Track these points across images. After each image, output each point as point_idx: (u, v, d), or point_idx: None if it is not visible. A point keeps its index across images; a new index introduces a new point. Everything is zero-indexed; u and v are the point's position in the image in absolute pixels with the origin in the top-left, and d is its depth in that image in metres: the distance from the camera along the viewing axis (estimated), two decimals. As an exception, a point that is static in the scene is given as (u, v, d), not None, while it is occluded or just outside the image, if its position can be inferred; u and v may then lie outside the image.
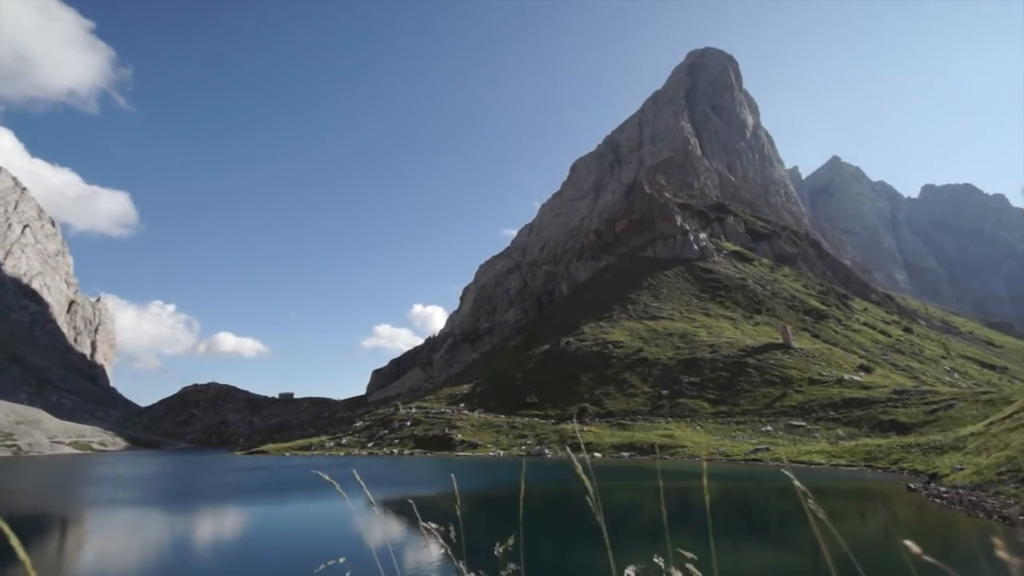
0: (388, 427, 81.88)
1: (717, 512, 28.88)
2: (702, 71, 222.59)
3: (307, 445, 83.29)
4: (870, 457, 45.20)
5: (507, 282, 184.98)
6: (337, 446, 79.44)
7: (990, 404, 52.62)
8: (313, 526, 26.24)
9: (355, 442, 79.85)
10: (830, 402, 66.65)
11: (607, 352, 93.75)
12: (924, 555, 1.68)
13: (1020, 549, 1.70)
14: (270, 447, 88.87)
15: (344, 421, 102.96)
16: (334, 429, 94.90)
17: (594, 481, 2.77)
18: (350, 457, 71.02)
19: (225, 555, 19.86)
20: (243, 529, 26.07)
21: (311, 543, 21.49)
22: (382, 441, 77.35)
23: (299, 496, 36.54)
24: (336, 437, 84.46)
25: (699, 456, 54.40)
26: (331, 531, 24.27)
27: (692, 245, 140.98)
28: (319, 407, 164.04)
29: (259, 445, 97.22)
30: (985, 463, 30.02)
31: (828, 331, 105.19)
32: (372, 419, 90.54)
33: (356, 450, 75.99)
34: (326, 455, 75.30)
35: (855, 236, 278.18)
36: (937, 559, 1.69)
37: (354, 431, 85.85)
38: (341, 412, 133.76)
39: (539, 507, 27.10)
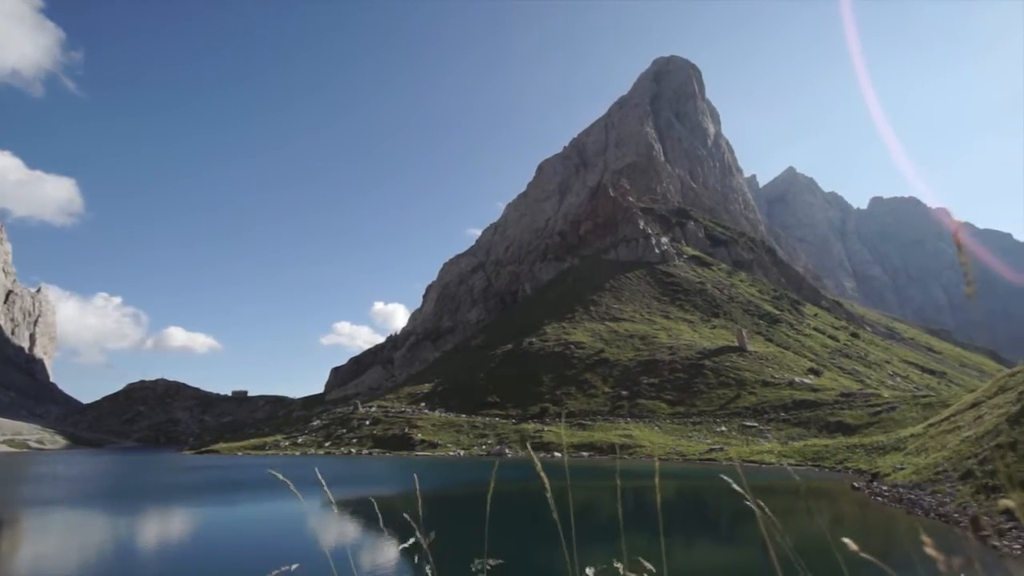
0: (346, 426, 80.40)
1: (673, 511, 29.45)
2: (667, 79, 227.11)
3: (261, 444, 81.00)
4: (817, 457, 46.94)
5: (471, 281, 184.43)
6: (293, 445, 77.53)
7: (929, 407, 55.39)
8: (266, 528, 25.45)
9: (312, 441, 78.10)
10: (781, 404, 68.95)
11: (569, 353, 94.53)
12: (861, 552, 1.75)
13: (949, 547, 1.78)
14: (221, 446, 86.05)
15: (301, 420, 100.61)
16: (290, 428, 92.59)
17: (567, 479, 2.73)
18: (306, 457, 69.41)
19: (170, 560, 19.02)
20: (190, 532, 25.06)
21: (263, 546, 20.82)
22: (340, 440, 75.90)
23: (251, 497, 35.45)
24: (292, 436, 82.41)
25: (656, 456, 55.40)
26: (285, 533, 23.58)
27: (654, 249, 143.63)
28: (274, 405, 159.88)
29: (210, 444, 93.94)
30: (924, 463, 31.55)
31: (781, 335, 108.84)
32: (330, 418, 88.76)
33: (312, 449, 74.33)
34: (281, 455, 73.38)
35: (807, 244, 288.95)
36: (875, 555, 1.76)
37: (311, 430, 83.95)
38: (298, 411, 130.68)
39: (498, 506, 27.03)
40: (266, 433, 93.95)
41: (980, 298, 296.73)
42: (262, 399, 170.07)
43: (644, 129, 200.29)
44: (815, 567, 2.33)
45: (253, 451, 78.70)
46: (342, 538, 19.94)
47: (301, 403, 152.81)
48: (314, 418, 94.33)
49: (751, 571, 16.54)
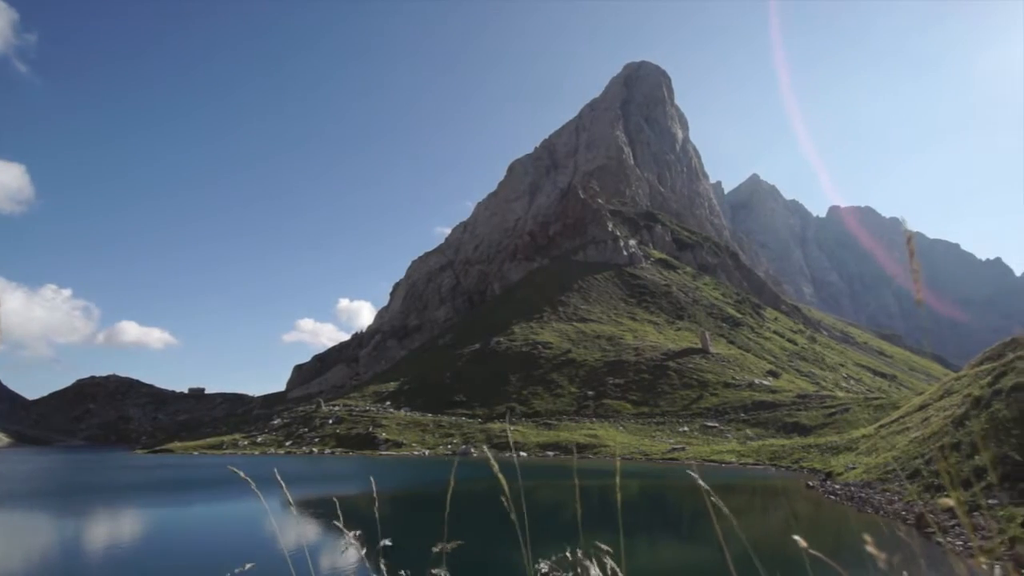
0: (308, 425, 78.78)
1: (636, 509, 29.79)
2: (637, 83, 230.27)
3: (218, 444, 78.66)
4: (775, 456, 48.26)
5: (439, 279, 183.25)
6: (252, 445, 75.53)
7: (880, 409, 57.59)
8: (220, 529, 24.66)
9: (272, 440, 76.24)
10: (741, 405, 70.68)
11: (536, 353, 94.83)
12: (810, 549, 1.82)
13: (895, 544, 1.85)
14: (176, 445, 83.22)
15: (260, 419, 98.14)
16: (249, 427, 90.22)
17: (519, 480, 2.65)
18: (266, 456, 67.70)
19: (117, 563, 18.19)
20: (139, 534, 24.07)
21: (217, 548, 20.15)
22: (301, 440, 74.31)
23: (205, 497, 34.31)
24: (251, 435, 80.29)
25: (620, 455, 56.03)
26: (242, 534, 22.88)
27: (622, 251, 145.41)
28: (233, 403, 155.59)
29: (164, 443, 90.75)
30: (874, 463, 32.75)
31: (742, 338, 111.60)
32: (291, 417, 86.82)
33: (272, 449, 72.56)
34: (239, 454, 71.39)
35: (769, 250, 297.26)
36: (826, 552, 1.83)
37: (271, 429, 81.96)
38: (257, 409, 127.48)
39: (462, 505, 26.85)
40: (224, 432, 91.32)
41: (928, 305, 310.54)
42: (220, 397, 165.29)
43: (614, 132, 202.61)
44: (770, 563, 2.36)
45: (210, 450, 76.37)
46: (299, 539, 19.45)
47: (261, 401, 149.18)
48: (275, 417, 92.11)
49: (709, 567, 16.81)
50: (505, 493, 2.59)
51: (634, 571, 15.01)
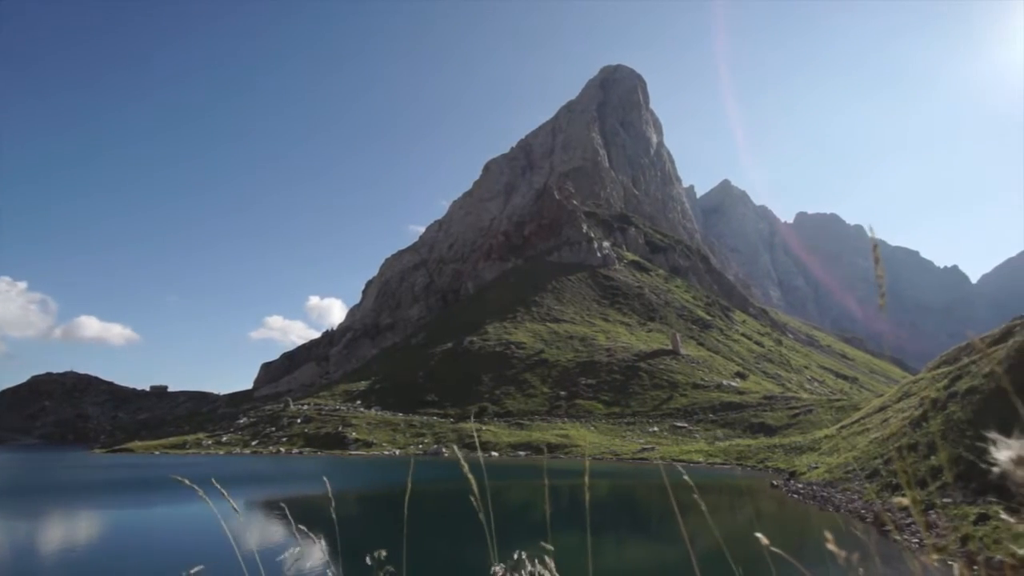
0: (276, 424, 77.20)
1: (606, 508, 29.93)
2: (613, 87, 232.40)
3: (181, 443, 76.47)
4: (741, 456, 49.17)
5: (413, 278, 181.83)
6: (216, 444, 73.62)
7: (842, 410, 59.19)
8: (177, 532, 23.89)
9: (237, 440, 74.46)
10: (710, 405, 71.86)
11: (509, 353, 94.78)
12: (771, 547, 1.87)
13: (854, 542, 1.90)
14: (136, 445, 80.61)
15: (226, 417, 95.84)
16: (214, 426, 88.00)
17: (484, 479, 2.57)
18: (231, 456, 66.13)
19: (68, 565, 17.42)
20: (92, 536, 23.15)
21: (173, 550, 19.49)
22: (268, 439, 72.77)
23: (165, 498, 33.22)
24: (216, 435, 78.28)
25: (591, 455, 56.37)
26: (195, 537, 22.16)
27: (596, 252, 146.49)
28: (197, 402, 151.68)
29: (124, 442, 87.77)
30: (835, 462, 33.58)
31: (711, 340, 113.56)
32: (258, 415, 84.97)
33: (238, 448, 70.88)
34: (203, 454, 69.53)
35: (739, 254, 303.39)
36: (788, 549, 1.90)
37: (237, 428, 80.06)
38: (223, 408, 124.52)
39: (432, 506, 26.57)
40: (187, 431, 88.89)
41: (890, 310, 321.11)
42: (183, 395, 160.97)
43: (590, 135, 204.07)
44: (735, 560, 2.37)
45: (172, 450, 74.17)
46: (257, 540, 18.95)
47: (227, 400, 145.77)
48: (241, 416, 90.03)
49: (676, 564, 16.93)
50: (474, 492, 2.54)
51: (602, 570, 14.95)
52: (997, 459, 1.41)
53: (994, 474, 1.43)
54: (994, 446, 1.44)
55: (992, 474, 1.43)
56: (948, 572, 1.86)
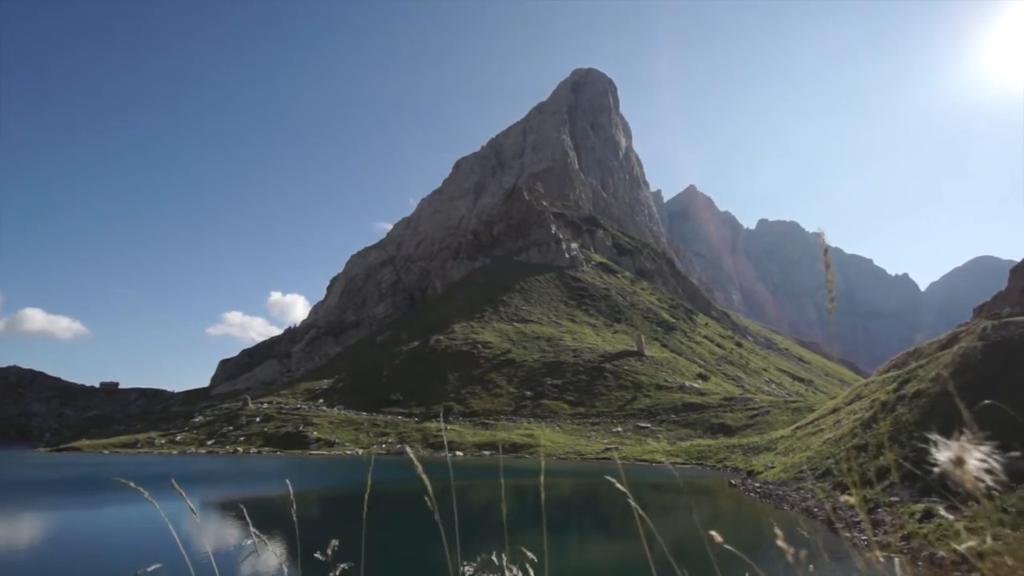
0: (234, 423, 75.06)
1: (570, 507, 30.10)
2: (584, 90, 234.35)
3: (132, 442, 73.59)
4: (701, 456, 50.19)
5: (379, 275, 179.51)
6: (170, 444, 71.12)
7: (797, 412, 61.05)
8: (125, 533, 22.92)
9: (192, 439, 72.10)
10: (672, 406, 73.13)
11: (476, 352, 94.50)
12: (725, 544, 1.93)
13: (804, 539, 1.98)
14: (84, 443, 77.22)
15: (181, 416, 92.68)
16: (167, 424, 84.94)
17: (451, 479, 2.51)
18: (185, 456, 63.99)
19: (12, 570, 16.49)
20: (35, 538, 21.98)
21: (119, 552, 18.68)
22: (225, 439, 70.69)
23: (114, 499, 31.86)
24: (169, 433, 75.62)
25: (556, 455, 56.67)
26: (147, 538, 21.30)
27: (564, 254, 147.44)
28: (150, 399, 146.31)
29: (70, 441, 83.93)
30: (791, 462, 34.58)
31: (675, 342, 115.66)
32: (215, 414, 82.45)
33: (193, 448, 68.64)
34: (156, 454, 67.07)
35: (702, 258, 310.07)
36: (741, 545, 1.95)
37: (192, 427, 77.52)
38: (177, 406, 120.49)
39: (395, 505, 26.21)
40: (139, 429, 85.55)
41: (844, 316, 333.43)
42: (135, 392, 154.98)
43: (561, 136, 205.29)
44: (691, 557, 2.39)
45: (122, 449, 71.31)
46: (212, 542, 18.34)
47: (182, 397, 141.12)
48: (196, 414, 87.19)
49: (634, 561, 17.12)
50: (429, 493, 2.48)
51: (562, 569, 14.95)
52: (938, 460, 1.49)
53: (934, 474, 1.51)
54: (935, 447, 1.52)
55: (933, 474, 1.52)
56: (892, 568, 1.93)
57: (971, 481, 1.46)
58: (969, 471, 1.47)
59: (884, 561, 1.92)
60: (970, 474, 1.46)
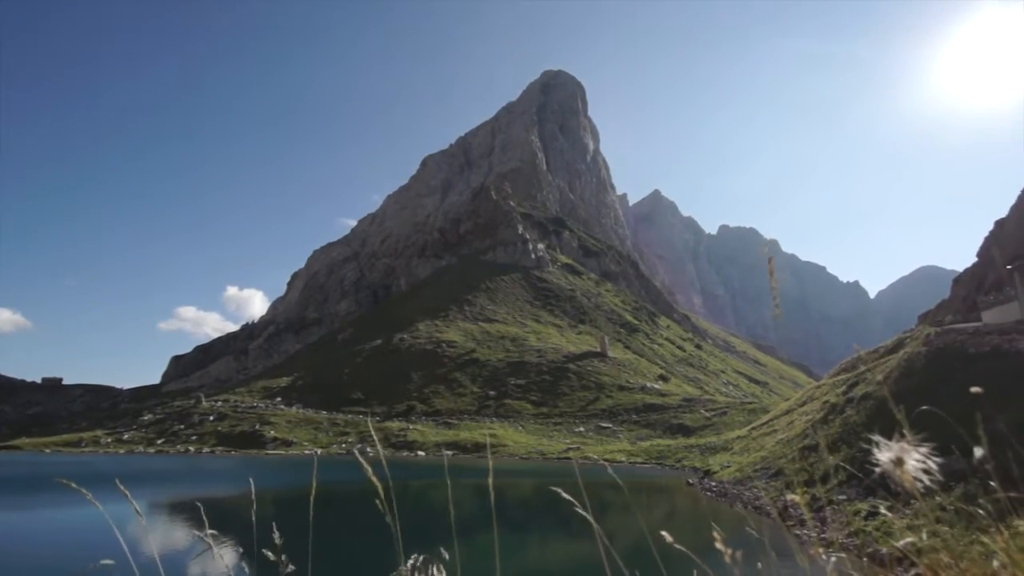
0: (185, 422, 72.52)
1: (529, 507, 30.16)
2: (554, 91, 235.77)
3: (76, 440, 70.32)
4: (661, 456, 51.10)
5: (342, 271, 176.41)
6: (117, 442, 68.24)
7: (753, 413, 62.80)
8: (66, 537, 21.81)
9: (141, 438, 69.35)
10: (634, 407, 74.23)
11: (440, 351, 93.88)
12: (675, 544, 1.98)
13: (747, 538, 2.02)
14: (24, 442, 73.41)
15: (129, 414, 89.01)
16: (114, 423, 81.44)
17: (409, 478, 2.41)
18: (133, 456, 61.47)
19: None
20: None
21: (60, 555, 17.76)
22: (176, 438, 68.23)
23: (55, 500, 30.29)
24: (116, 432, 72.53)
25: (518, 455, 56.78)
26: (88, 542, 20.31)
27: (530, 254, 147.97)
28: (97, 396, 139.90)
29: (10, 439, 79.52)
30: (746, 462, 35.53)
31: (637, 343, 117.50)
32: (166, 412, 79.51)
33: (141, 447, 66.02)
34: (101, 453, 64.22)
35: (665, 261, 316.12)
36: (694, 544, 2.03)
37: (141, 425, 74.55)
38: (126, 403, 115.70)
39: (351, 505, 25.74)
40: (84, 428, 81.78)
41: (798, 321, 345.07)
42: (80, 388, 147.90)
43: (530, 137, 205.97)
44: (646, 557, 2.41)
45: (65, 448, 68.05)
46: (159, 544, 17.61)
47: (130, 395, 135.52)
48: (146, 412, 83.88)
49: (589, 560, 17.25)
50: (379, 495, 2.39)
51: (519, 569, 14.90)
52: (879, 460, 1.59)
53: (875, 474, 1.62)
54: (877, 448, 1.61)
55: (874, 474, 1.62)
56: (837, 564, 1.98)
57: (909, 481, 1.54)
58: (907, 471, 1.55)
59: (826, 558, 1.96)
60: (908, 474, 1.54)
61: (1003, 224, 47.49)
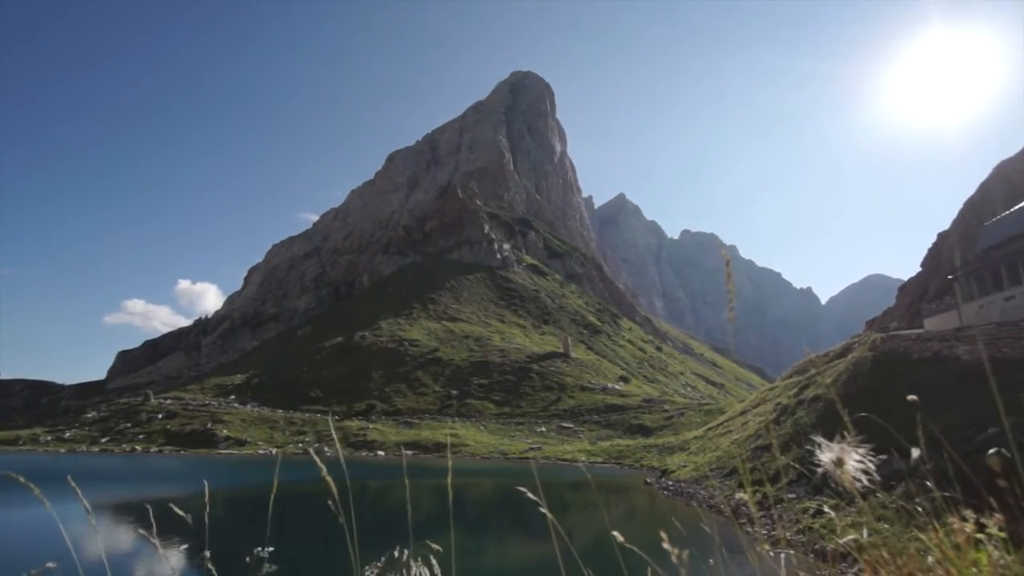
0: (133, 420, 69.58)
1: (490, 507, 30.13)
2: (523, 92, 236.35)
3: (13, 439, 66.55)
4: (620, 455, 51.82)
5: (303, 267, 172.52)
6: (57, 441, 64.92)
7: (710, 413, 64.38)
8: (6, 539, 20.61)
9: (84, 436, 66.21)
10: (595, 407, 75.09)
11: (402, 350, 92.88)
12: (627, 544, 2.01)
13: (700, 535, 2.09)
14: (-47, 441, 68.85)
15: (71, 411, 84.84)
16: (55, 420, 77.47)
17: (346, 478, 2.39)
18: (75, 455, 58.58)
19: None
20: None
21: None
22: (122, 436, 65.39)
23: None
24: (57, 430, 68.99)
25: (479, 455, 56.67)
26: (33, 544, 19.25)
27: (496, 254, 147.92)
28: (36, 392, 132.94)
29: (-65, 438, 74.68)
30: (702, 461, 36.38)
31: (600, 344, 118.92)
32: (111, 409, 76.10)
33: (84, 446, 63.02)
34: (40, 451, 60.95)
35: (629, 264, 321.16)
36: (649, 543, 2.07)
37: (84, 423, 71.17)
38: (68, 399, 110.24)
39: (307, 506, 25.17)
40: (21, 425, 77.48)
41: (754, 325, 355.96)
42: (19, 384, 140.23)
43: (497, 137, 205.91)
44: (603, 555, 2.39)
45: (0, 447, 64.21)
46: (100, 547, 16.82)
47: (73, 391, 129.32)
48: (90, 409, 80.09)
49: (548, 560, 17.34)
50: (333, 497, 2.35)
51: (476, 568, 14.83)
52: (821, 460, 1.69)
53: (818, 474, 1.70)
54: (819, 449, 1.71)
55: (816, 474, 1.70)
56: (784, 560, 2.10)
57: (849, 480, 1.64)
58: (847, 471, 1.65)
59: (773, 555, 2.04)
60: (848, 474, 1.65)
61: (946, 237, 50.17)
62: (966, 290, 26.48)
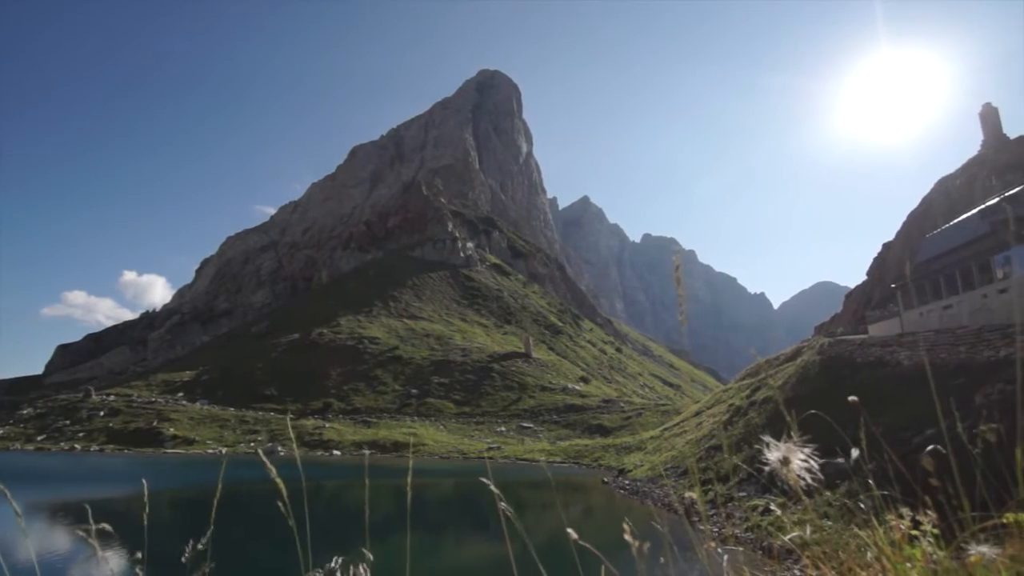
0: (72, 417, 66.18)
1: (449, 507, 29.96)
2: (490, 91, 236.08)
3: (-64, 437, 62.26)
4: (579, 455, 52.37)
5: (259, 260, 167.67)
6: (-13, 439, 61.10)
7: (666, 414, 65.79)
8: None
9: (18, 434, 62.58)
10: (555, 407, 75.67)
11: (362, 347, 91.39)
12: (580, 541, 2.02)
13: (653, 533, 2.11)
14: None
15: (4, 406, 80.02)
16: (-14, 417, 72.89)
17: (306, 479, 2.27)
18: (7, 453, 55.32)
19: None
20: None
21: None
22: (60, 434, 62.13)
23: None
24: (-12, 427, 64.98)
25: (438, 454, 56.29)
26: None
27: (459, 252, 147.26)
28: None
29: None
30: (658, 461, 37.14)
31: (561, 345, 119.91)
32: (48, 406, 72.18)
33: (18, 444, 59.58)
34: (-33, 450, 57.25)
35: (591, 266, 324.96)
36: (604, 540, 2.08)
37: (18, 420, 67.27)
38: (2, 395, 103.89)
39: (259, 508, 24.47)
40: (-53, 423, 72.58)
41: (710, 328, 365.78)
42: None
43: (464, 135, 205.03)
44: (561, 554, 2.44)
45: (-79, 446, 60.06)
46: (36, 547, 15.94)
47: (7, 386, 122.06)
48: (25, 405, 75.74)
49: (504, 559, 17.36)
50: (283, 498, 2.25)
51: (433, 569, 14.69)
52: (768, 459, 1.75)
53: (765, 472, 1.75)
54: (767, 448, 1.76)
55: (764, 472, 1.76)
56: (730, 557, 2.19)
57: (794, 479, 1.70)
58: (793, 470, 1.71)
59: (720, 551, 2.12)
60: (793, 473, 1.71)
61: (890, 247, 52.73)
62: (907, 298, 27.84)
